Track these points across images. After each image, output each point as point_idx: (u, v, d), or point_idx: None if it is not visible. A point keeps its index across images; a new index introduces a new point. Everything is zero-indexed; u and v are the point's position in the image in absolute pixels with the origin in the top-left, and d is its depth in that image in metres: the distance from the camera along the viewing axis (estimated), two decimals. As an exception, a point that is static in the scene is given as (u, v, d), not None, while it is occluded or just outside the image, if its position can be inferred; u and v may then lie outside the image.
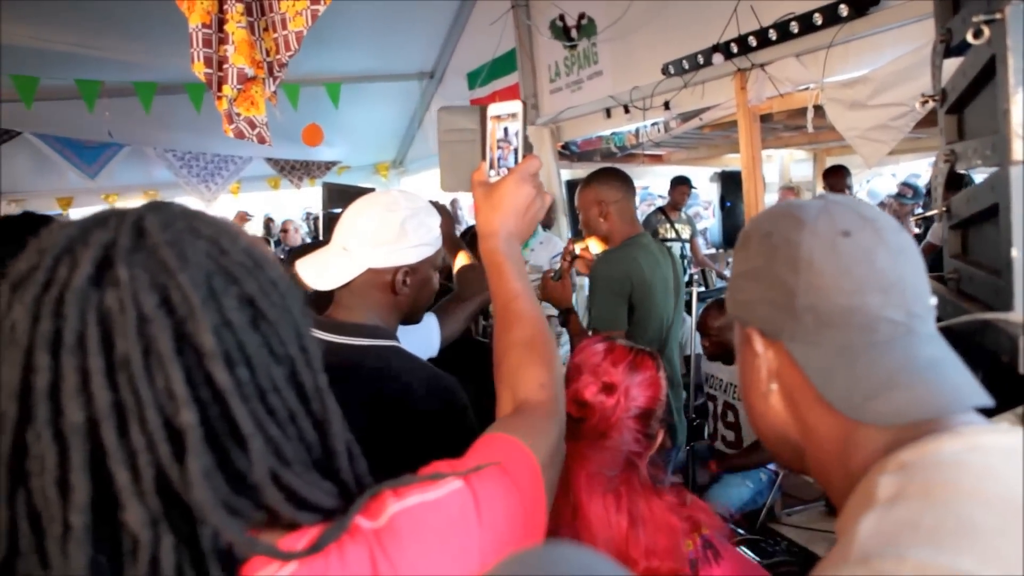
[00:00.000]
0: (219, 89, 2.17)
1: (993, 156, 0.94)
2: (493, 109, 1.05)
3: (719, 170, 6.97)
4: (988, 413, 0.94)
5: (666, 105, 4.21)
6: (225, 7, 2.13)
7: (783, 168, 7.52)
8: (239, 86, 2.16)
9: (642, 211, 7.34)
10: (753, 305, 0.77)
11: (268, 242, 9.80)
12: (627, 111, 4.61)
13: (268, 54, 2.18)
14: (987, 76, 0.97)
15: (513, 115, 1.03)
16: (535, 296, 1.03)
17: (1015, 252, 0.87)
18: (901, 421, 0.65)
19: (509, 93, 6.18)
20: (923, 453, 0.62)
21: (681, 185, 5.78)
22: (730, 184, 6.58)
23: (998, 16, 0.88)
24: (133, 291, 0.57)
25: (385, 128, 9.18)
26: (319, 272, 1.47)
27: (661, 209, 5.87)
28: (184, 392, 0.56)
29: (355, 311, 1.48)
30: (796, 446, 0.77)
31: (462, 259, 2.15)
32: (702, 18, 3.87)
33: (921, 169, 7.35)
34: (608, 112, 4.89)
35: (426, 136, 8.67)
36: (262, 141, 2.43)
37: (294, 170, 9.42)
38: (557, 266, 2.69)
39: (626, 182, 2.74)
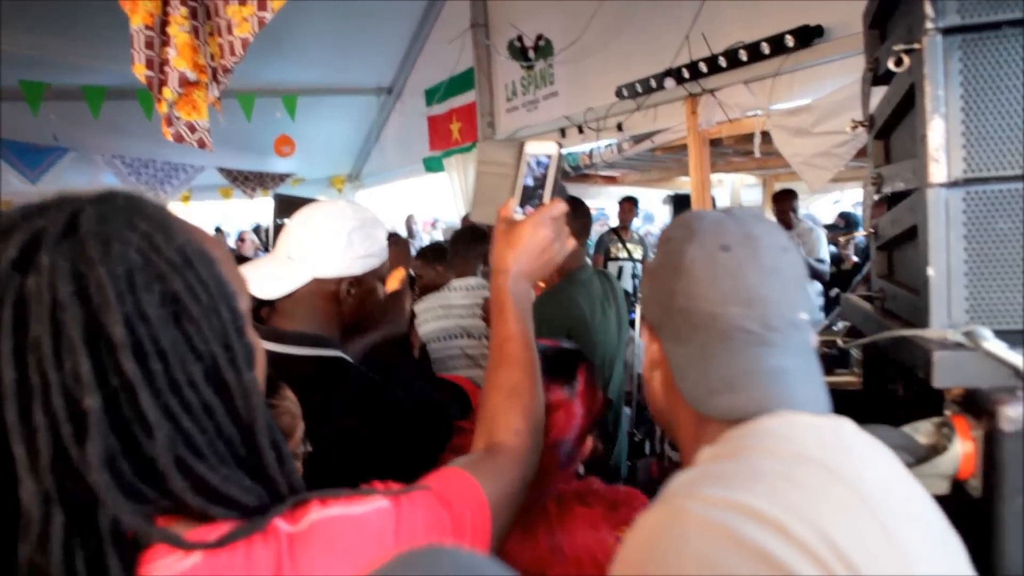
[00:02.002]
0: (159, 92, 2.14)
1: (913, 179, 0.98)
2: (530, 147, 1.05)
3: (671, 192, 7.11)
4: (904, 422, 0.97)
5: (619, 127, 4.28)
6: (168, 9, 2.09)
7: (734, 192, 7.69)
8: (180, 90, 2.12)
9: (596, 230, 7.42)
10: (648, 301, 0.86)
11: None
12: (581, 131, 4.67)
13: (212, 59, 2.15)
14: (908, 103, 1.01)
15: (548, 156, 1.04)
16: (533, 341, 1.02)
17: (931, 271, 0.91)
18: (733, 417, 0.74)
19: (466, 111, 6.22)
20: (742, 430, 0.72)
21: (626, 203, 5.89)
22: (682, 206, 6.70)
23: (916, 46, 0.92)
24: (51, 277, 0.58)
25: (341, 141, 9.11)
26: (263, 281, 1.45)
27: (614, 229, 5.95)
28: (90, 378, 0.57)
29: (297, 320, 1.46)
30: (671, 427, 0.86)
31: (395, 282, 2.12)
32: (655, 43, 3.96)
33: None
34: (563, 132, 4.95)
35: (383, 151, 8.64)
36: (203, 146, 2.39)
37: (247, 180, 9.26)
38: None
39: (582, 220, 2.61)
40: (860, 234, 1.27)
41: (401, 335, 1.81)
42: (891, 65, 0.96)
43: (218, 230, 10.98)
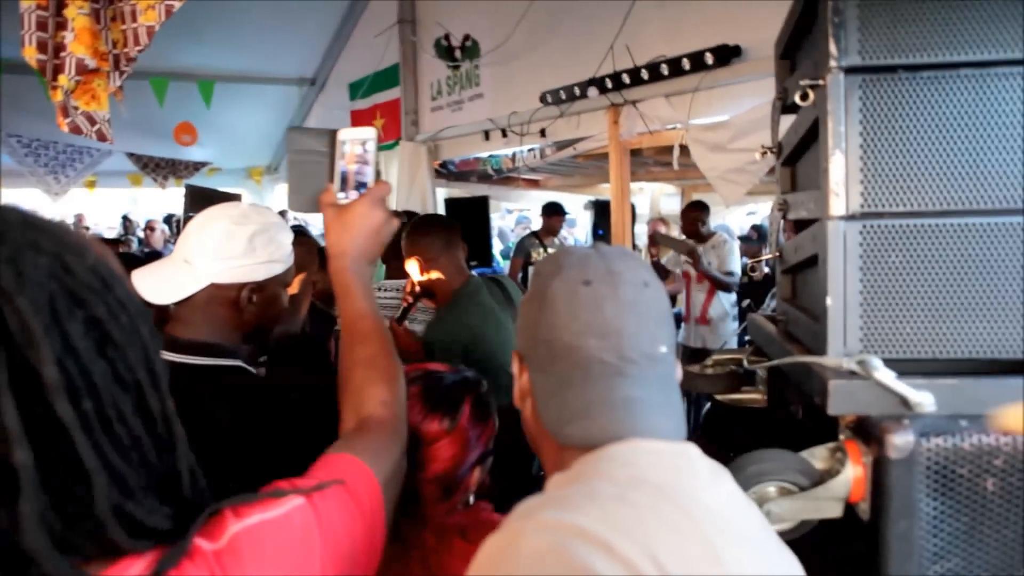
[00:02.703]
0: (54, 78, 1.99)
1: (815, 210, 1.01)
2: (344, 133, 1.07)
3: (593, 199, 7.21)
4: (789, 445, 1.01)
5: (542, 132, 4.31)
6: (65, -11, 1.96)
7: (653, 200, 7.88)
8: (78, 77, 1.99)
9: (517, 234, 7.44)
10: (518, 332, 0.89)
11: (128, 243, 9.16)
12: (505, 135, 4.68)
13: (115, 46, 2.02)
14: (813, 135, 1.05)
15: (366, 140, 1.06)
16: (381, 315, 1.05)
17: (829, 300, 0.94)
18: (586, 444, 0.76)
19: (390, 108, 6.14)
20: (590, 456, 0.75)
21: (556, 215, 5.89)
22: (602, 213, 6.81)
23: (821, 82, 0.96)
24: None
25: (261, 132, 8.83)
26: (157, 285, 1.37)
27: (535, 233, 5.97)
28: (18, 428, 0.51)
29: (194, 328, 1.39)
30: (539, 455, 0.88)
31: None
32: (581, 52, 4.00)
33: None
34: (487, 134, 4.94)
35: (305, 144, 8.41)
36: (102, 139, 2.25)
37: (159, 168, 8.78)
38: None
39: (446, 231, 2.52)
40: (766, 257, 1.31)
41: (295, 335, 1.76)
42: (797, 99, 1.00)
43: (125, 219, 10.45)
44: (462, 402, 1.22)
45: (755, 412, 1.38)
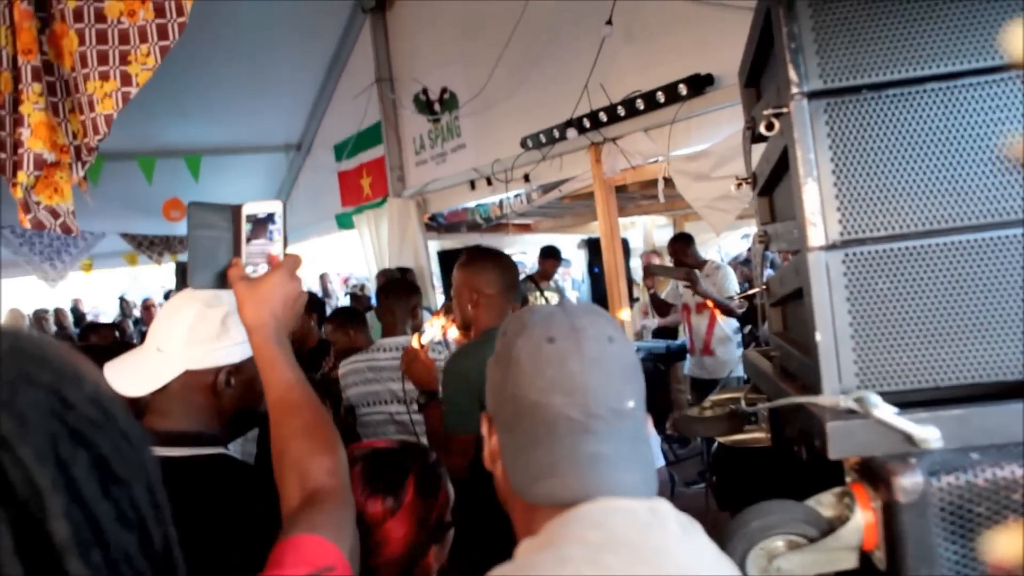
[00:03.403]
0: (13, 175, 1.98)
1: (795, 241, 0.97)
2: (250, 208, 1.07)
3: (585, 237, 7.20)
4: (805, 484, 0.95)
5: (526, 177, 4.31)
6: (20, 87, 1.95)
7: (646, 233, 7.86)
8: (37, 172, 1.97)
9: (514, 278, 7.41)
10: (487, 392, 0.88)
11: (124, 326, 9.12)
12: (490, 183, 4.68)
13: (75, 137, 2.02)
14: (784, 164, 1.01)
15: (273, 213, 1.06)
16: (309, 384, 1.03)
17: (818, 336, 0.89)
18: (553, 503, 0.75)
19: (376, 166, 6.17)
20: (560, 518, 0.74)
21: (550, 258, 5.85)
22: (597, 250, 6.77)
23: (785, 110, 0.92)
24: None
25: (251, 200, 8.86)
26: (131, 376, 1.32)
27: (531, 277, 5.94)
28: None
29: (172, 418, 1.34)
30: (511, 518, 0.87)
31: None
32: (557, 94, 4.02)
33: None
34: (472, 184, 4.95)
35: (295, 208, 8.45)
36: (67, 231, 2.23)
37: (153, 245, 8.88)
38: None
39: (507, 275, 2.32)
40: (754, 291, 1.27)
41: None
42: (763, 129, 0.96)
43: (121, 300, 10.45)
44: (405, 478, 1.16)
45: (756, 454, 1.32)
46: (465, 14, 4.83)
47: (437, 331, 2.42)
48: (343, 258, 9.12)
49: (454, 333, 2.40)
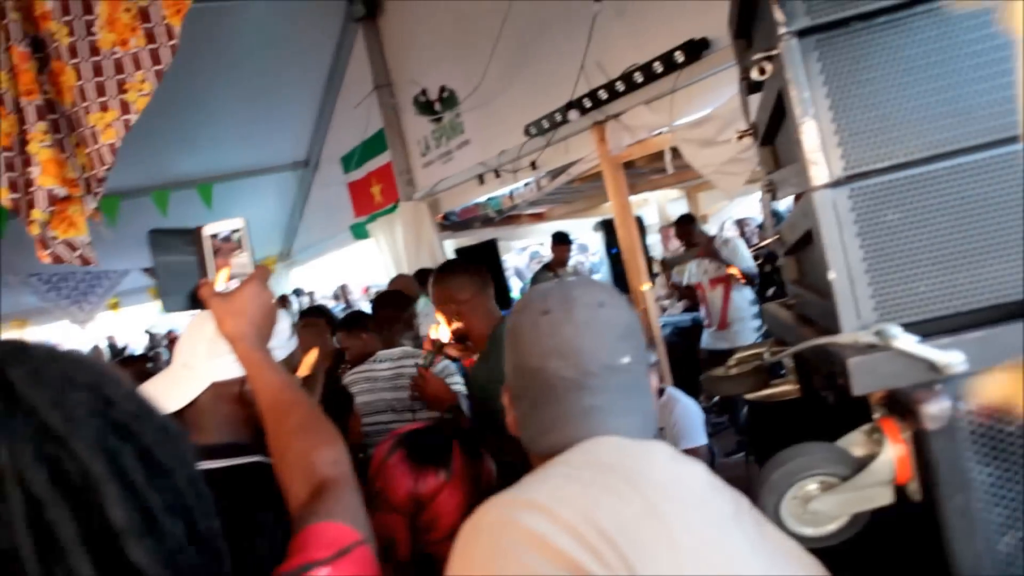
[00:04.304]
0: (28, 214, 2.02)
1: (800, 183, 0.96)
2: (211, 228, 1.11)
3: (600, 219, 7.16)
4: (839, 432, 0.94)
5: (533, 165, 4.30)
6: (25, 127, 1.99)
7: (661, 209, 7.81)
8: (51, 208, 2.02)
9: (532, 269, 7.40)
10: (505, 367, 0.96)
11: (157, 357, 9.27)
12: (498, 175, 4.68)
13: (84, 170, 2.06)
14: (782, 109, 1.00)
15: (236, 230, 1.11)
16: (298, 384, 1.07)
17: (832, 275, 0.88)
18: (553, 452, 0.83)
19: (384, 172, 6.19)
20: (556, 456, 0.82)
21: (561, 244, 5.83)
22: (612, 231, 6.74)
23: (775, 52, 0.91)
24: (17, 470, 0.47)
25: (267, 221, 8.97)
26: (161, 396, 1.34)
27: (547, 265, 5.93)
28: None
29: (205, 431, 1.36)
30: None
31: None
32: (555, 78, 4.00)
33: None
34: (481, 178, 4.95)
35: (310, 224, 8.54)
36: (86, 263, 2.27)
37: (175, 277, 8.99)
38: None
39: (476, 274, 2.40)
40: (768, 241, 1.25)
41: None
42: (756, 75, 0.95)
43: (149, 334, 10.62)
44: (450, 446, 1.18)
45: (795, 404, 1.30)
46: (455, 11, 4.82)
47: (446, 331, 2.43)
48: (363, 268, 9.16)
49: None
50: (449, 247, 6.20)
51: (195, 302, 1.10)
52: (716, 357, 4.46)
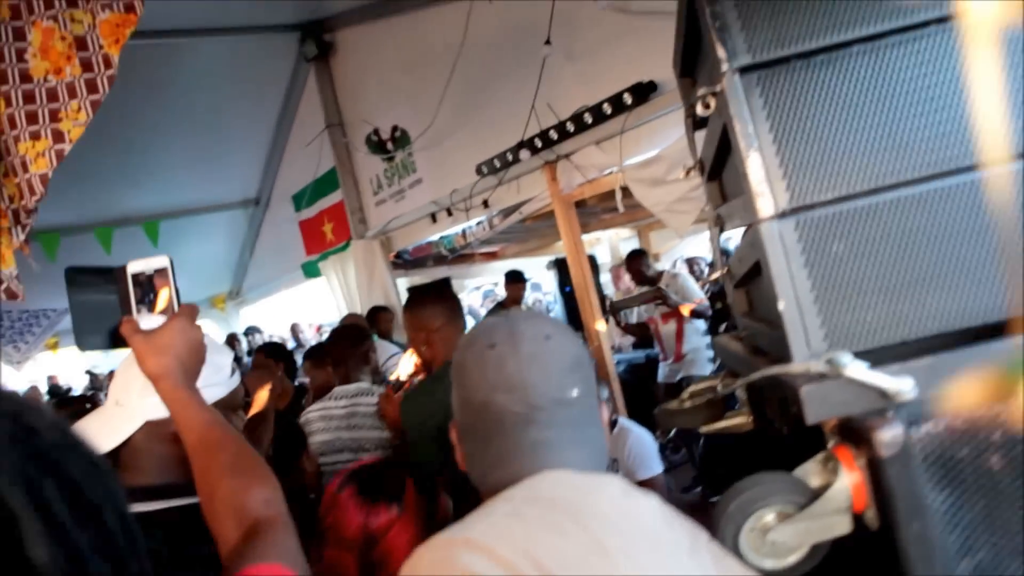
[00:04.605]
0: (-50, 247, 1.94)
1: (746, 215, 0.97)
2: (135, 266, 1.08)
3: (553, 258, 7.22)
4: (796, 462, 0.94)
5: (485, 204, 4.32)
6: (-51, 155, 1.91)
7: (613, 248, 7.92)
8: (-26, 240, 1.93)
9: (486, 307, 7.39)
10: (452, 402, 0.94)
11: (96, 399, 8.90)
12: (450, 214, 4.68)
13: (12, 200, 1.98)
14: (727, 143, 1.02)
15: (161, 268, 1.07)
16: (227, 422, 1.03)
17: (781, 305, 0.89)
18: (500, 489, 0.82)
19: (336, 211, 6.14)
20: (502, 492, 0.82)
21: (516, 282, 5.84)
22: (565, 270, 6.77)
23: (719, 88, 0.93)
24: None
25: (216, 260, 8.79)
26: (93, 434, 1.28)
27: (501, 303, 5.92)
28: None
29: (140, 472, 1.30)
30: None
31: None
32: (506, 118, 4.05)
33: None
34: (433, 217, 4.95)
35: (261, 263, 8.40)
36: (12, 297, 2.16)
37: (118, 317, 8.75)
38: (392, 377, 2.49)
39: (447, 304, 2.37)
40: (716, 276, 1.27)
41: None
42: (700, 110, 0.97)
43: (90, 374, 10.23)
44: (403, 481, 1.15)
45: (750, 436, 1.31)
46: (407, 52, 4.86)
47: (410, 366, 2.42)
48: (314, 307, 9.03)
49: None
50: (402, 285, 6.15)
51: (116, 340, 1.06)
52: (673, 390, 4.50)
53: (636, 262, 4.85)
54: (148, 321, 1.05)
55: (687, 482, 4.65)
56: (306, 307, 9.18)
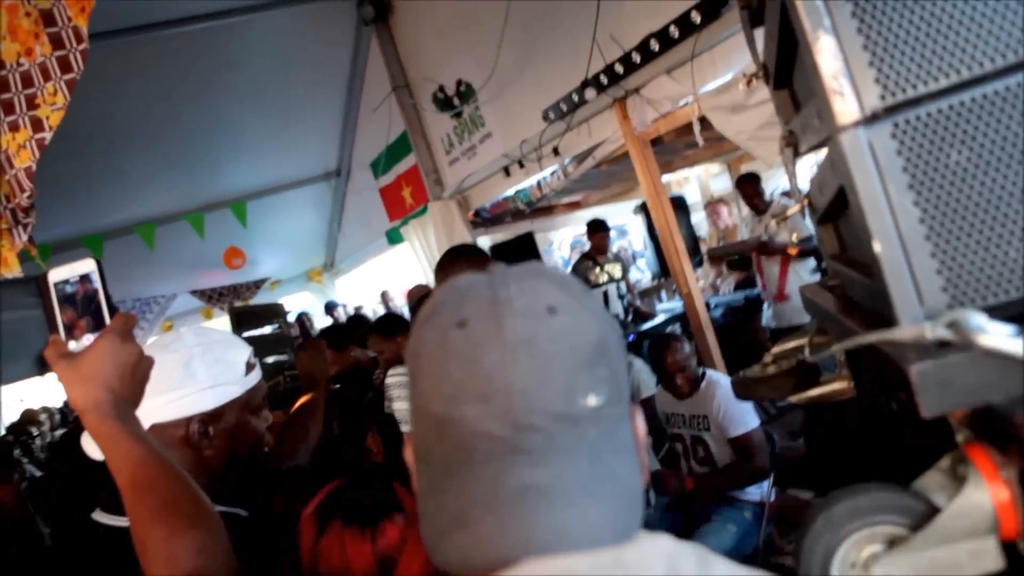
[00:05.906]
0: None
1: (822, 126, 0.70)
2: (57, 274, 0.95)
3: (640, 201, 6.86)
4: (917, 470, 0.68)
5: (555, 151, 4.05)
6: (-63, 159, 1.85)
7: (703, 185, 7.46)
8: (-25, 244, 1.88)
9: (574, 259, 7.15)
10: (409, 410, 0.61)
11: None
12: (522, 165, 4.45)
13: (8, 200, 1.91)
14: (790, 30, 0.74)
15: (87, 273, 0.94)
16: (161, 455, 0.90)
17: (877, 246, 0.63)
18: (460, 569, 0.51)
19: (412, 175, 6.03)
20: None
21: (600, 232, 5.54)
22: (653, 212, 6.44)
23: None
24: None
25: (307, 234, 9.02)
26: (89, 442, 1.19)
27: (586, 254, 5.66)
28: None
29: None
30: None
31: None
32: (568, 55, 3.74)
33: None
34: (507, 170, 4.73)
35: (349, 233, 8.51)
36: None
37: (222, 296, 9.28)
38: None
39: (478, 263, 2.06)
40: (792, 210, 1.00)
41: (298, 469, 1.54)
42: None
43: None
44: (390, 488, 0.99)
45: (838, 408, 1.05)
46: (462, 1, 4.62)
47: None
48: (403, 273, 9.08)
49: None
50: (485, 243, 6.00)
51: (44, 366, 0.94)
52: (779, 337, 4.15)
53: (749, 187, 4.45)
54: (79, 341, 0.93)
55: (796, 426, 4.28)
56: (395, 273, 9.26)
